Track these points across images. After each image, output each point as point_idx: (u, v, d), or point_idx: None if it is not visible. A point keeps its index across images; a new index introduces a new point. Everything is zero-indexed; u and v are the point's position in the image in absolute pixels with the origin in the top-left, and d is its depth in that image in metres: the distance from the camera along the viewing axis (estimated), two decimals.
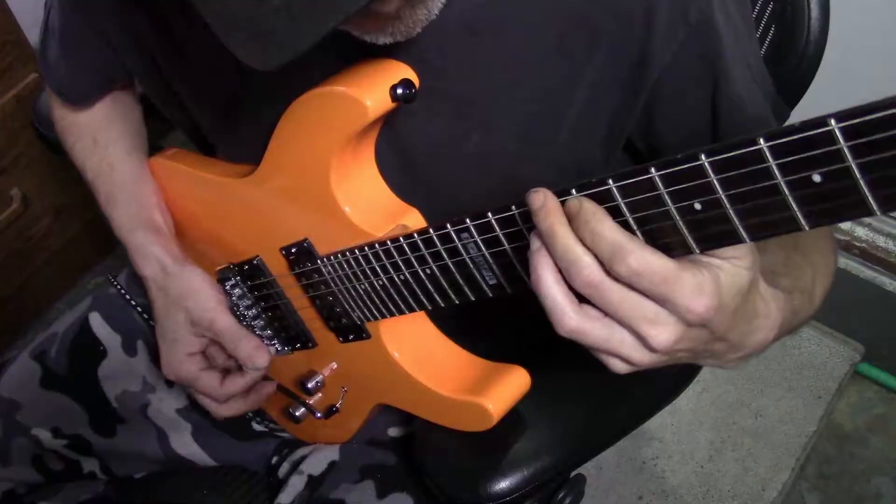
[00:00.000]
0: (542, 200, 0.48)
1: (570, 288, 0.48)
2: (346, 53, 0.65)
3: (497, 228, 0.55)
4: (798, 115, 0.77)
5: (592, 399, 0.81)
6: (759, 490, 1.47)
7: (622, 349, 0.48)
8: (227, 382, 0.79)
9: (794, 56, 0.81)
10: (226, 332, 0.79)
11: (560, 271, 0.48)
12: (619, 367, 0.50)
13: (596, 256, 0.46)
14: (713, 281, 0.46)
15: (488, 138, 0.68)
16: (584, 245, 0.47)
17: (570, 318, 0.48)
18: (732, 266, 0.47)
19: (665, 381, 0.86)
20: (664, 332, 0.46)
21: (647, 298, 0.46)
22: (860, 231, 1.54)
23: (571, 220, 0.47)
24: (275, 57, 0.49)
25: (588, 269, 0.46)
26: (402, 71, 0.63)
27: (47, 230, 1.72)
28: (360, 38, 0.59)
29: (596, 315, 0.48)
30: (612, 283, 0.46)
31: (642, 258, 0.45)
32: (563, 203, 0.48)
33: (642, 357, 0.48)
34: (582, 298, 0.48)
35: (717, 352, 0.52)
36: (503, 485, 0.74)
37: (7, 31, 1.48)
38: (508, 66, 0.65)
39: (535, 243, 0.49)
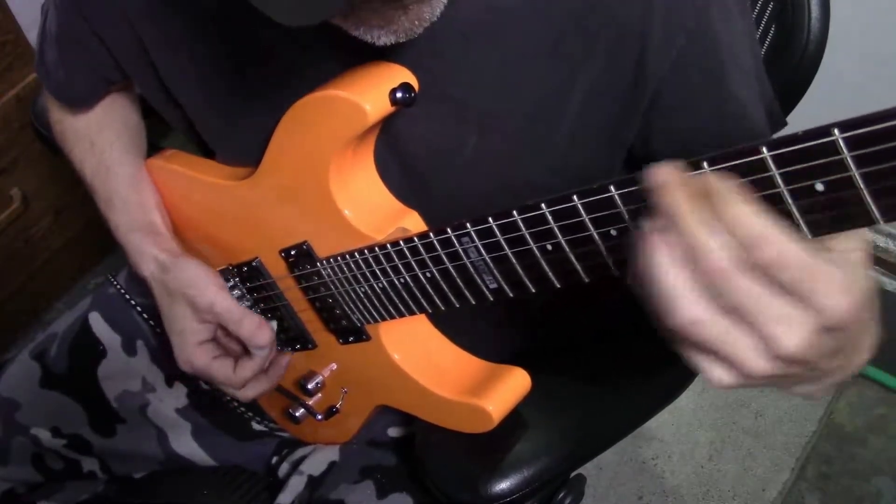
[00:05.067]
0: (666, 176, 0.42)
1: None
2: (344, 57, 0.64)
3: (498, 233, 0.55)
4: (798, 115, 0.77)
5: (592, 400, 0.81)
6: (759, 490, 1.47)
7: (737, 351, 0.41)
8: (238, 369, 0.78)
9: (795, 56, 0.81)
10: (226, 313, 0.78)
11: (679, 255, 0.41)
12: (721, 377, 0.43)
13: (724, 242, 0.40)
14: (856, 278, 0.40)
15: (486, 142, 0.68)
16: (713, 229, 0.40)
17: (688, 305, 0.41)
18: (863, 263, 0.42)
19: (665, 381, 0.86)
20: (796, 334, 0.40)
21: (779, 295, 0.40)
22: None
23: (702, 199, 0.41)
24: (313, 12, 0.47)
25: (716, 254, 0.40)
26: (402, 74, 0.62)
27: (47, 230, 1.72)
28: (360, 39, 0.58)
29: (715, 307, 0.41)
30: (743, 273, 0.40)
31: (788, 247, 0.39)
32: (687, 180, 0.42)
33: (757, 365, 0.41)
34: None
35: (827, 371, 0.46)
36: (503, 485, 0.74)
37: (7, 31, 1.48)
38: (505, 70, 0.65)
39: (649, 224, 0.42)
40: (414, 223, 0.69)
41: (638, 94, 0.64)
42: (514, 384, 0.71)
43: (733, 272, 0.40)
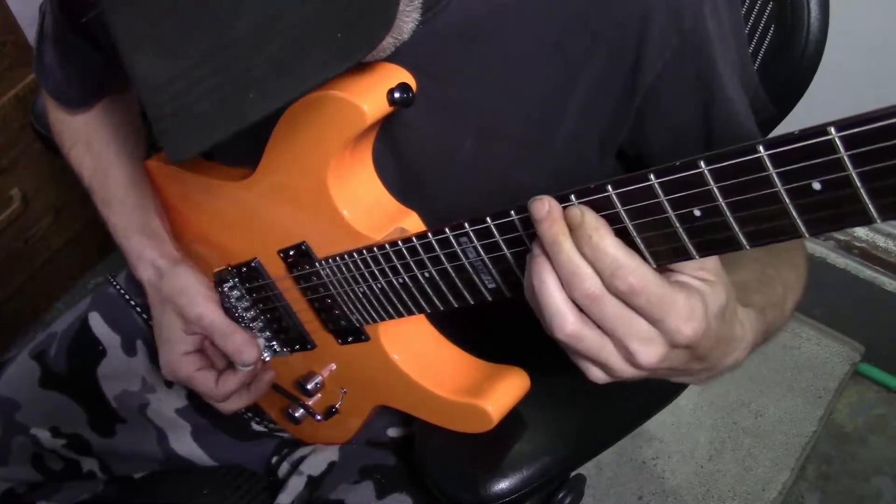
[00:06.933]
0: (547, 209, 0.48)
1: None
2: None
3: (496, 234, 0.55)
4: (798, 114, 0.77)
5: (592, 399, 0.81)
6: (759, 490, 1.47)
7: (609, 360, 0.50)
8: (220, 382, 0.79)
9: (794, 55, 0.81)
10: (214, 327, 0.78)
11: (560, 278, 0.49)
12: (598, 376, 0.52)
13: (596, 270, 0.47)
14: (703, 305, 0.48)
15: (483, 144, 0.68)
16: (585, 257, 0.47)
17: (569, 322, 0.49)
18: (712, 289, 0.49)
19: (665, 380, 0.86)
20: (652, 350, 0.48)
21: (640, 316, 0.48)
22: (860, 231, 1.54)
23: (573, 230, 0.48)
24: (192, 144, 0.50)
25: (589, 281, 0.47)
26: (400, 75, 0.62)
27: (47, 230, 1.72)
28: None
29: (592, 324, 0.49)
30: (610, 298, 0.47)
31: (642, 277, 0.46)
32: (564, 210, 0.49)
33: (625, 371, 0.50)
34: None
35: (693, 370, 0.53)
36: (503, 485, 0.74)
37: (7, 31, 1.48)
38: (505, 72, 0.65)
39: (537, 249, 0.50)
40: (413, 223, 0.69)
41: (632, 94, 0.64)
42: (514, 384, 0.71)
43: (601, 296, 0.47)
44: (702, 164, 0.41)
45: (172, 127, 0.50)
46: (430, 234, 0.60)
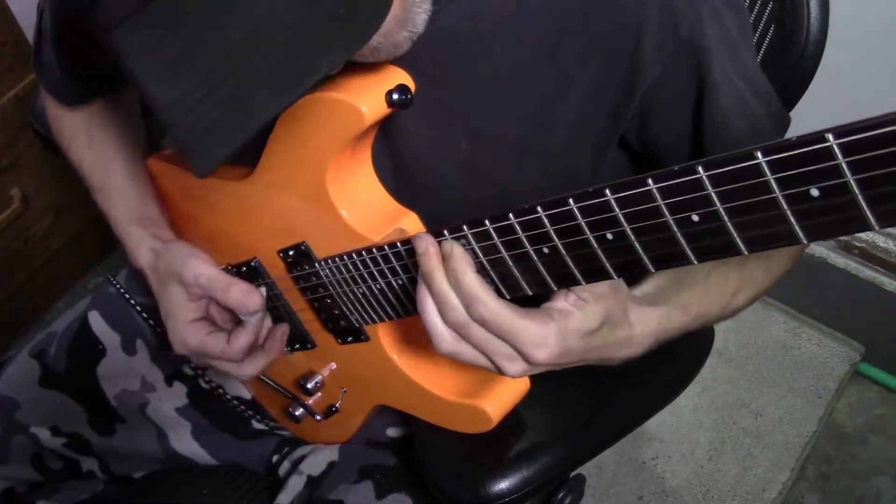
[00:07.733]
0: (426, 247, 0.56)
1: None
2: None
3: (495, 236, 0.55)
4: (798, 114, 0.77)
5: (591, 399, 0.82)
6: (759, 490, 1.47)
7: (487, 367, 0.58)
8: (232, 340, 0.77)
9: (794, 55, 0.81)
10: (213, 282, 0.77)
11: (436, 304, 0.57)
12: (494, 373, 0.59)
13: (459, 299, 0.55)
14: (557, 331, 0.55)
15: (478, 147, 0.68)
16: (452, 288, 0.55)
17: (446, 342, 0.57)
18: (582, 313, 0.56)
19: (665, 380, 0.86)
20: (515, 366, 0.57)
21: (501, 339, 0.55)
22: None
23: (444, 262, 0.56)
24: (215, 154, 0.53)
25: (455, 311, 0.55)
26: (398, 76, 0.62)
27: (47, 230, 1.72)
28: None
29: (465, 342, 0.57)
30: (473, 324, 0.55)
31: (492, 309, 0.54)
32: (440, 244, 0.56)
33: (502, 376, 0.58)
34: None
35: (581, 366, 0.60)
36: (503, 485, 0.74)
37: (7, 31, 1.48)
38: (502, 75, 0.65)
39: (420, 279, 0.57)
40: (412, 224, 0.69)
41: (628, 96, 0.64)
42: (513, 385, 0.71)
43: (467, 322, 0.55)
44: (700, 169, 0.41)
45: (194, 140, 0.52)
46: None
